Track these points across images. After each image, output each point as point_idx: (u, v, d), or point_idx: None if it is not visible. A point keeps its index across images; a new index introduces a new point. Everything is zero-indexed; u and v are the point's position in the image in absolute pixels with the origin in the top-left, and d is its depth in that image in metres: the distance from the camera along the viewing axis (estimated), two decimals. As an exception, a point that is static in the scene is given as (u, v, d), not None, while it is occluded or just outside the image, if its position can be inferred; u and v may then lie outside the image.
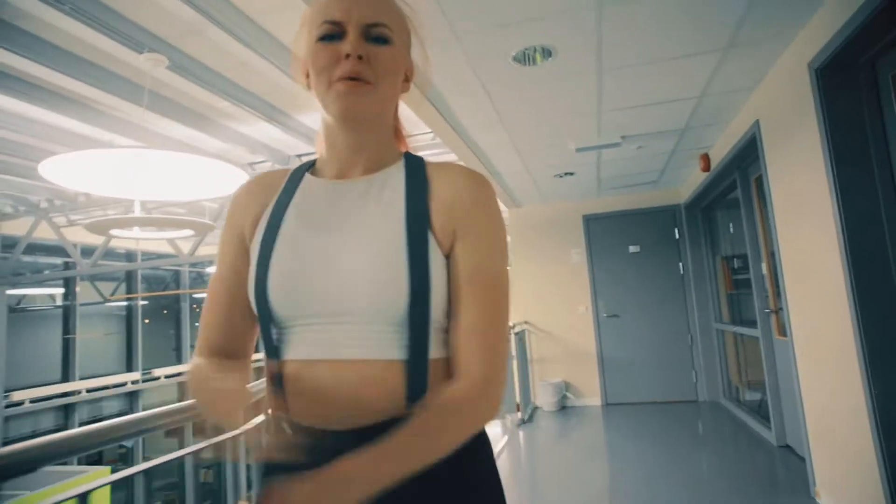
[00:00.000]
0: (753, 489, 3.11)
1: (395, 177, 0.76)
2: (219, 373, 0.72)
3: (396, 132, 0.83)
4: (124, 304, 9.84)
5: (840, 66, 2.19)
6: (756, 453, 3.72)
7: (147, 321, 9.95)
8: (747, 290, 4.04)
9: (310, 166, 0.82)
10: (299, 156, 5.60)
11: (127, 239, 5.96)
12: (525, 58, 2.40)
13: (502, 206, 6.95)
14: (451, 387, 0.68)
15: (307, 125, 4.64)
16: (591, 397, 5.54)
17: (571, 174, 4.57)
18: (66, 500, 1.04)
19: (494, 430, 5.10)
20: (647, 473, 3.45)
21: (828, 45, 2.13)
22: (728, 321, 4.93)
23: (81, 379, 8.46)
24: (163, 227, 4.23)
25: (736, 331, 4.64)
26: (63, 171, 3.27)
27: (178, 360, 10.48)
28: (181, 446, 1.35)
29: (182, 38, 3.10)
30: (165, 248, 9.35)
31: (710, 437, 4.32)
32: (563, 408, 5.50)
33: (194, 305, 11.13)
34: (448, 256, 0.72)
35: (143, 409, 9.33)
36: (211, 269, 8.43)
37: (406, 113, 0.91)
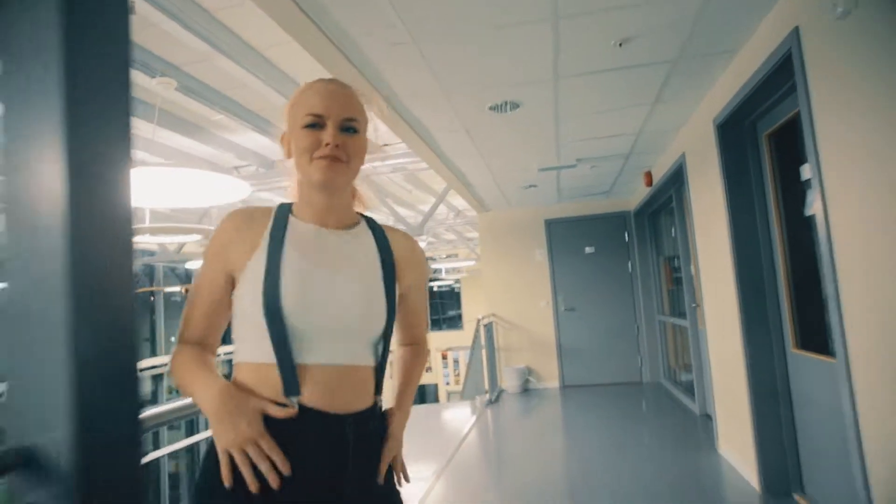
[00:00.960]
0: (679, 447, 3.96)
1: (365, 234, 1.06)
2: (196, 365, 0.95)
3: (354, 193, 1.12)
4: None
5: (733, 124, 2.98)
6: (684, 421, 4.59)
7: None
8: (682, 287, 4.89)
9: (288, 210, 1.02)
10: (283, 160, 6.16)
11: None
12: (498, 108, 3.11)
13: (474, 212, 7.67)
14: (416, 345, 1.21)
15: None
16: (551, 381, 6.37)
17: (535, 186, 5.32)
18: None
19: (465, 410, 5.86)
20: (598, 443, 4.26)
21: (724, 108, 2.91)
22: (668, 313, 5.80)
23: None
24: (174, 233, 4.75)
25: (674, 322, 5.51)
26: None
27: (153, 353, 10.83)
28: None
29: (192, 64, 3.65)
30: (141, 246, 9.68)
31: (650, 412, 5.18)
32: (525, 390, 6.30)
33: (172, 299, 11.49)
34: (401, 295, 1.08)
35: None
36: (190, 265, 8.83)
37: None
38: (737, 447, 3.34)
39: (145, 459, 1.19)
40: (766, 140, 2.87)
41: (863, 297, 1.81)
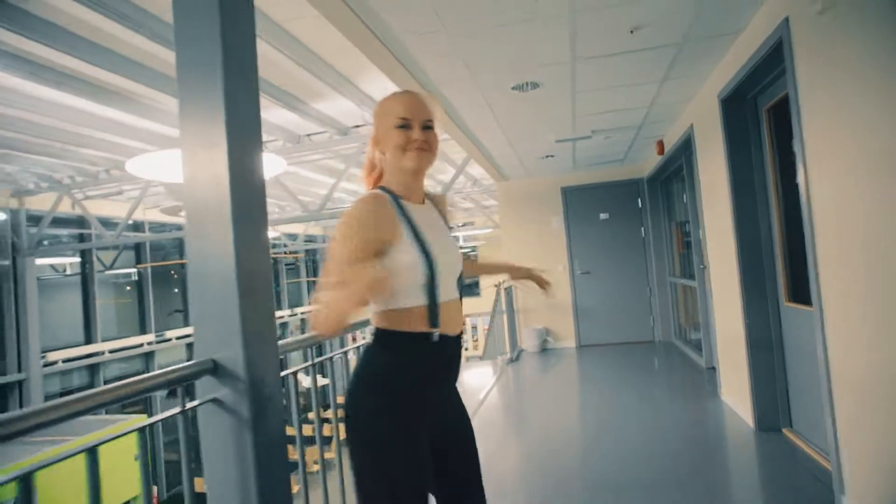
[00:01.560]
0: (686, 397, 4.38)
1: (432, 206, 1.43)
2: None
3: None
4: (131, 271, 10.66)
5: (735, 99, 3.27)
6: (692, 374, 5.00)
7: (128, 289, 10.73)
8: (692, 250, 5.22)
9: (394, 194, 1.32)
10: (308, 135, 6.50)
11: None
12: (520, 87, 3.43)
13: (491, 181, 7.97)
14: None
15: (318, 109, 5.52)
16: (568, 340, 6.80)
17: (552, 156, 5.63)
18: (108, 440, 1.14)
19: (487, 369, 6.33)
20: (612, 396, 4.68)
21: (728, 84, 3.20)
22: (679, 275, 6.15)
23: (103, 341, 9.34)
24: None
25: (684, 283, 5.87)
26: (144, 166, 4.20)
27: (186, 323, 11.40)
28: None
29: None
30: (163, 219, 10.17)
31: (661, 368, 5.59)
32: (544, 350, 6.75)
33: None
34: None
35: (158, 368, 10.30)
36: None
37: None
38: (736, 393, 3.74)
39: (282, 373, 1.63)
40: (766, 114, 3.17)
41: (835, 253, 2.16)
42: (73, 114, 5.08)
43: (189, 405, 1.30)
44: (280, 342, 1.51)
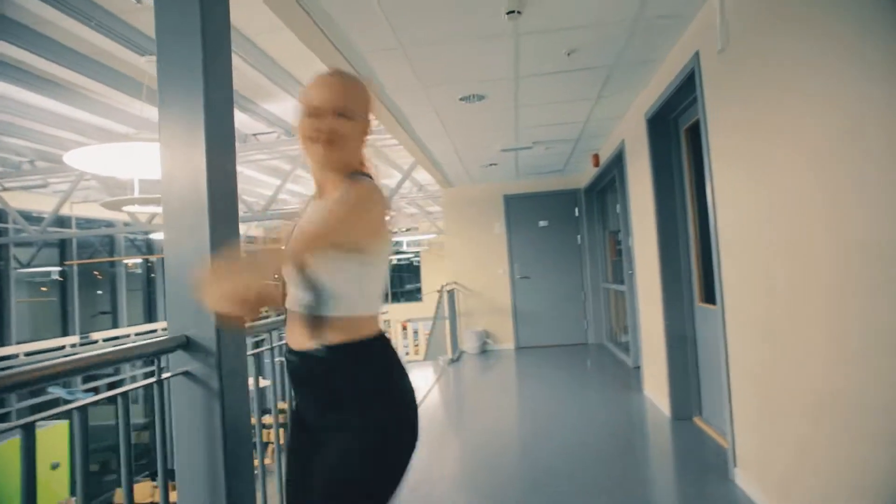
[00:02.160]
0: (614, 392, 4.75)
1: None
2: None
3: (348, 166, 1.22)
4: (51, 269, 10.15)
5: (659, 119, 3.66)
6: (620, 373, 5.40)
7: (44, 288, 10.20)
8: (623, 257, 5.65)
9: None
10: (255, 135, 6.53)
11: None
12: (467, 99, 3.69)
13: (436, 187, 8.21)
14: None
15: (268, 110, 5.61)
16: (507, 342, 7.12)
17: (495, 164, 5.95)
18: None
19: (429, 369, 6.54)
20: (547, 394, 5.00)
21: (652, 105, 3.58)
22: (611, 281, 6.60)
23: (18, 343, 8.80)
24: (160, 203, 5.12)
25: (615, 288, 6.31)
26: (85, 159, 4.18)
27: (115, 325, 10.94)
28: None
29: None
30: (91, 215, 9.76)
31: (593, 367, 5.99)
32: (484, 351, 7.04)
33: (130, 272, 11.59)
34: None
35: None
36: (154, 236, 8.98)
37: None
38: (656, 387, 4.13)
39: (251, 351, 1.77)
40: (685, 133, 3.57)
41: (734, 257, 2.53)
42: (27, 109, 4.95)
43: (164, 375, 1.44)
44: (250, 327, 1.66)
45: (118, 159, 4.17)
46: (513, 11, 2.45)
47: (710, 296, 3.37)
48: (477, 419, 4.43)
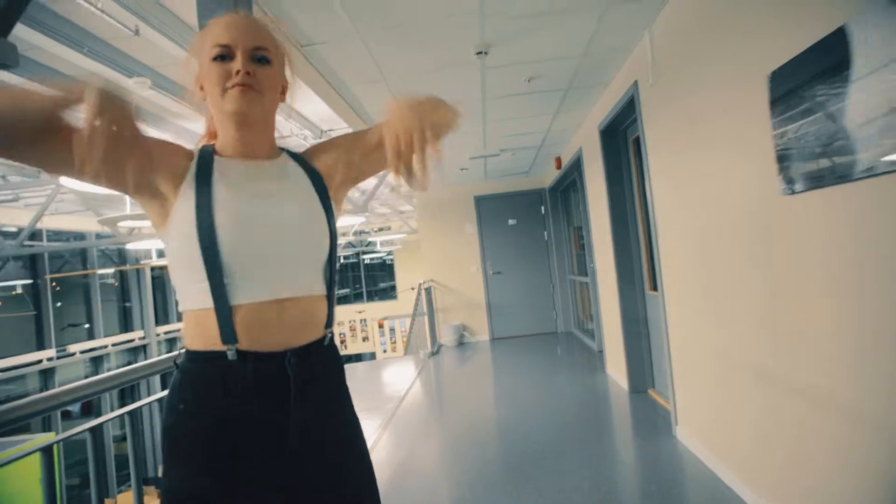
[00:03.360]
0: (581, 375, 5.32)
1: (291, 163, 1.02)
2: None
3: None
4: (13, 284, 10.20)
5: (610, 131, 4.22)
6: (586, 357, 5.99)
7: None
8: (586, 251, 6.23)
9: (211, 149, 0.96)
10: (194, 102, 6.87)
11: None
12: (440, 116, 4.17)
13: (412, 196, 8.65)
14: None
15: None
16: (482, 334, 7.66)
17: (466, 169, 6.45)
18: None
19: (410, 362, 7.02)
20: (521, 379, 5.55)
21: (603, 119, 4.14)
22: (577, 273, 7.19)
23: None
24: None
25: (580, 280, 6.90)
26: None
27: (91, 336, 11.05)
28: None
29: (166, 66, 4.33)
30: (67, 227, 9.88)
31: (562, 354, 6.56)
32: (461, 343, 7.56)
33: (104, 282, 11.69)
34: (348, 167, 1.05)
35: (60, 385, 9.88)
36: (132, 246, 9.17)
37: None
38: (616, 366, 4.71)
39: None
40: (632, 143, 4.13)
41: (670, 249, 3.09)
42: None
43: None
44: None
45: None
46: (481, 52, 2.95)
47: (655, 284, 3.94)
48: (458, 405, 4.94)
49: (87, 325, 11.22)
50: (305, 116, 6.11)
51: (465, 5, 2.46)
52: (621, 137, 4.26)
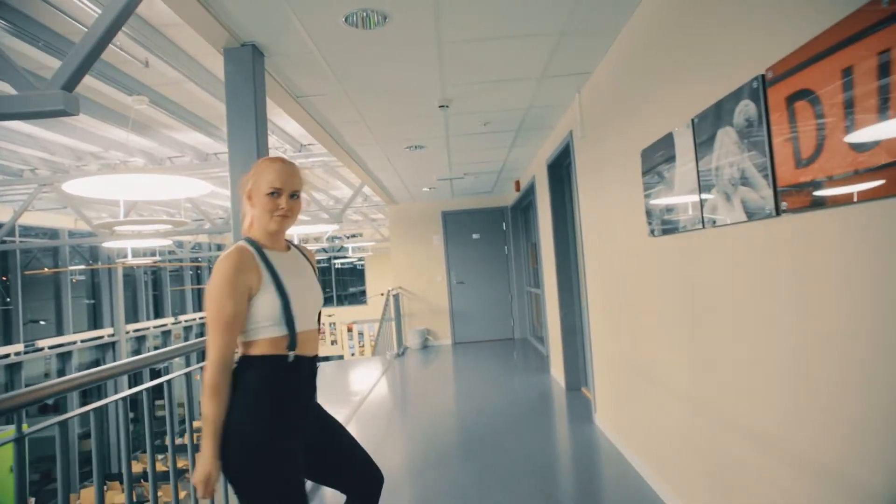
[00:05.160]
0: (530, 376, 6.06)
1: (298, 253, 1.69)
2: (219, 424, 1.43)
3: None
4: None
5: (555, 165, 4.98)
6: (536, 361, 6.74)
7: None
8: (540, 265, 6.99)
9: (256, 244, 1.56)
10: (216, 154, 7.43)
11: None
12: (411, 147, 4.87)
13: (384, 205, 9.31)
14: None
15: (226, 132, 6.51)
16: (445, 339, 8.35)
17: (434, 188, 7.17)
18: None
19: (377, 363, 7.65)
20: (479, 380, 6.25)
21: (550, 155, 4.90)
22: (532, 286, 7.96)
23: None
24: (151, 223, 5.99)
25: (535, 291, 7.66)
26: (84, 186, 5.04)
27: (60, 332, 11.30)
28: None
29: (166, 86, 4.88)
30: (37, 223, 10.15)
31: (517, 358, 7.30)
32: (425, 346, 8.24)
33: (72, 278, 11.94)
34: None
35: (26, 381, 10.09)
36: (110, 244, 9.56)
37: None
38: (557, 367, 5.47)
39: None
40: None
41: (591, 270, 3.84)
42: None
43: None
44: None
45: (109, 186, 5.01)
46: (443, 105, 3.67)
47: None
48: (420, 399, 5.62)
49: (42, 322, 11.38)
50: (287, 132, 6.74)
51: (429, 76, 3.17)
52: (565, 172, 5.03)
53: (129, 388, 1.83)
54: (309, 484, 1.64)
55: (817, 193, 1.35)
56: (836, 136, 1.25)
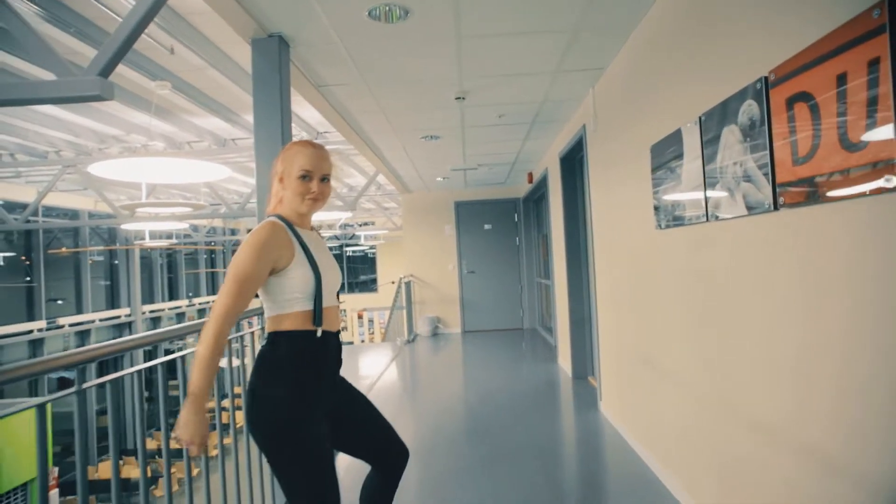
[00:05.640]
0: (538, 365, 6.17)
1: (318, 234, 1.73)
2: (212, 378, 1.46)
3: None
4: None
5: (568, 158, 5.06)
6: (545, 351, 6.85)
7: None
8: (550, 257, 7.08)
9: (289, 222, 1.60)
10: (234, 139, 7.57)
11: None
12: (426, 137, 4.97)
13: (398, 195, 9.44)
14: None
15: (245, 119, 6.62)
16: (455, 327, 8.48)
17: (447, 178, 7.26)
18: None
19: (388, 348, 7.81)
20: (487, 367, 6.37)
21: (563, 149, 4.97)
22: (543, 277, 8.05)
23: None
24: (172, 206, 6.16)
25: (545, 283, 7.75)
26: (108, 168, 5.19)
27: (79, 311, 11.59)
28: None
29: (189, 72, 4.97)
30: (59, 203, 10.37)
31: (525, 347, 7.41)
32: (435, 334, 8.38)
33: (91, 259, 12.21)
34: None
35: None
36: (128, 227, 9.76)
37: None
38: (565, 357, 5.57)
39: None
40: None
41: (601, 262, 3.93)
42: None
43: (250, 330, 2.64)
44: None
45: (132, 168, 5.17)
46: (460, 97, 3.76)
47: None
48: (430, 384, 5.76)
49: (60, 301, 11.62)
50: (304, 119, 6.85)
51: (447, 69, 3.27)
52: (577, 165, 5.10)
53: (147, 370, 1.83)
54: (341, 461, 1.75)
55: (812, 190, 1.44)
56: (830, 137, 1.34)
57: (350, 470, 2.84)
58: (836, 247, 1.39)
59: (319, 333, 1.57)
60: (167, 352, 2.29)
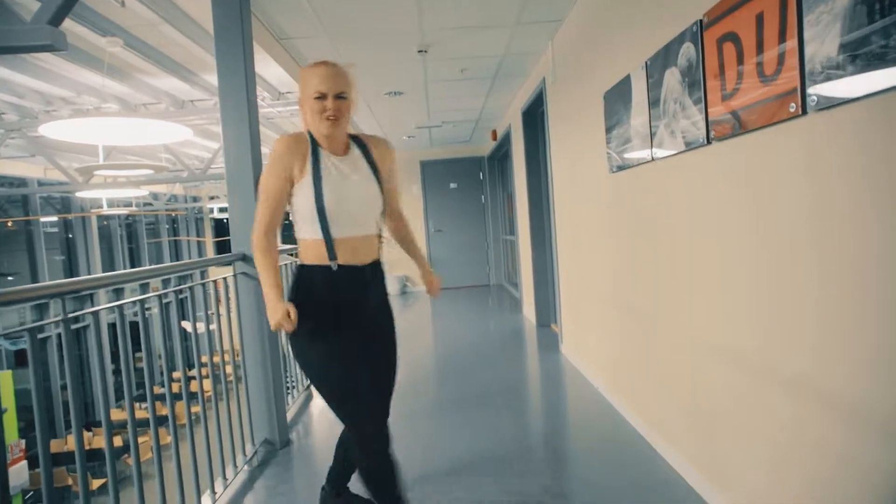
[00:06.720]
0: (505, 317, 6.42)
1: (355, 151, 1.67)
2: (274, 278, 1.56)
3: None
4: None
5: (529, 112, 5.18)
6: (511, 304, 7.10)
7: None
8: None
9: (315, 140, 1.60)
10: (192, 101, 7.41)
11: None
12: (390, 93, 5.01)
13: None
14: (400, 218, 1.89)
15: (204, 79, 6.50)
16: (422, 286, 8.65)
17: (413, 136, 7.31)
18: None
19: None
20: (456, 322, 6.58)
21: (524, 103, 5.09)
22: (508, 234, 8.25)
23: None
24: (132, 168, 6.05)
25: (510, 239, 7.96)
26: (61, 129, 5.08)
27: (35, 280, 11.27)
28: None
29: (141, 27, 4.83)
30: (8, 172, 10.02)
31: (492, 302, 7.66)
32: (404, 292, 8.55)
33: (43, 230, 11.82)
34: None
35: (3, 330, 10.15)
36: (83, 194, 9.50)
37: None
38: (529, 307, 5.82)
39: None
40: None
41: (561, 212, 4.12)
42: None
43: (229, 274, 2.73)
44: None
45: (87, 129, 5.06)
46: (422, 50, 3.82)
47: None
48: (401, 339, 5.93)
49: (10, 278, 11.27)
50: (265, 79, 6.74)
51: (408, 19, 3.33)
52: (539, 119, 5.23)
53: (111, 339, 1.79)
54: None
55: (736, 122, 1.61)
56: (750, 72, 1.51)
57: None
58: (762, 172, 1.58)
59: (335, 268, 1.59)
60: (132, 326, 2.24)
